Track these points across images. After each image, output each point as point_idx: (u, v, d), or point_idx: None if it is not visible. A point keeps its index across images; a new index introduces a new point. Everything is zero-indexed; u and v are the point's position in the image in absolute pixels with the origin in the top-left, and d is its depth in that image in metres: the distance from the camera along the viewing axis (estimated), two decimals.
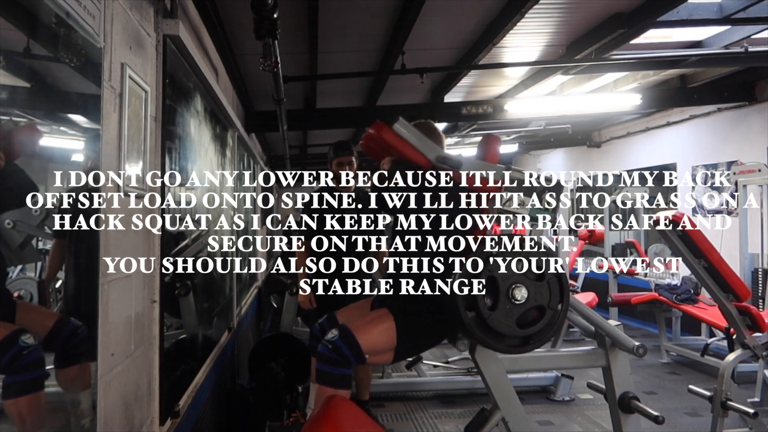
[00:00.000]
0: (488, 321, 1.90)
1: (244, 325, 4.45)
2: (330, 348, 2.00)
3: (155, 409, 1.82)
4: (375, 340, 2.07)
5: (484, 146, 2.39)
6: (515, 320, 1.93)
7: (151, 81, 1.74)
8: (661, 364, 5.19)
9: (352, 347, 2.00)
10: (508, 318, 1.91)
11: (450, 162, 2.24)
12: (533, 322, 1.95)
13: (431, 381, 4.41)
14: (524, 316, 1.94)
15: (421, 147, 2.26)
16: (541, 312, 1.95)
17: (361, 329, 2.06)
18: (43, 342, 1.22)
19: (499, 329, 1.91)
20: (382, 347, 2.10)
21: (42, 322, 1.26)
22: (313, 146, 8.80)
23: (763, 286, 4.76)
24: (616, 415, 2.32)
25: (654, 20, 3.55)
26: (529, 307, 1.93)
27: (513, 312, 1.92)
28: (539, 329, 1.95)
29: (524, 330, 1.94)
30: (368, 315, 2.24)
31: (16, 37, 1.16)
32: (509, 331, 1.93)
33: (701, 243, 3.05)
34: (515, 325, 1.93)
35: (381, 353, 2.12)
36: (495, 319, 1.90)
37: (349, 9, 3.31)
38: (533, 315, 1.96)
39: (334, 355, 1.99)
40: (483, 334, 1.93)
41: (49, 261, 1.55)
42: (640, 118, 7.09)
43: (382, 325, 2.10)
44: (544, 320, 1.95)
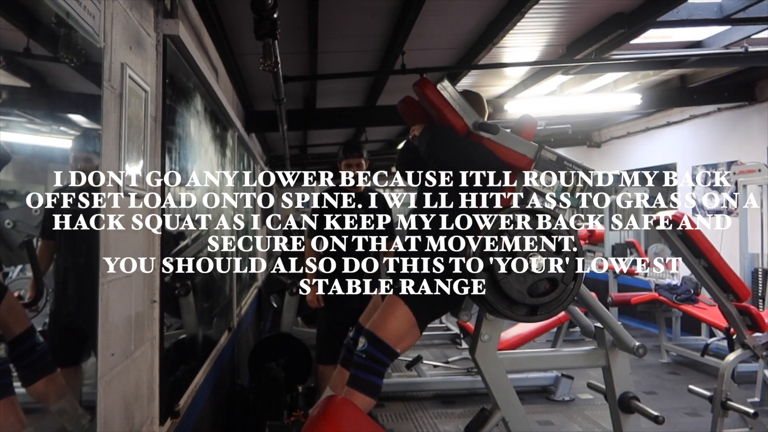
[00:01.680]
0: (501, 283, 1.92)
1: (244, 325, 4.45)
2: (365, 357, 2.08)
3: (155, 409, 1.82)
4: (397, 329, 2.13)
5: (521, 124, 2.38)
6: (527, 287, 1.94)
7: (151, 81, 1.74)
8: (661, 364, 5.19)
9: (381, 348, 2.08)
10: (521, 284, 1.94)
11: (487, 128, 2.22)
12: (544, 293, 1.97)
13: (431, 381, 4.41)
14: (536, 285, 1.96)
15: (462, 110, 2.26)
16: (554, 285, 1.97)
17: (381, 326, 2.12)
18: (7, 345, 1.21)
19: (510, 293, 1.93)
20: (406, 330, 2.16)
21: (11, 326, 1.25)
22: (313, 146, 8.80)
23: (763, 286, 4.76)
24: (616, 415, 2.32)
25: (654, 20, 3.55)
26: (542, 278, 1.96)
27: (526, 279, 1.94)
28: (549, 300, 1.97)
29: (534, 299, 1.96)
30: (382, 308, 2.26)
31: (16, 37, 1.16)
32: (519, 297, 1.94)
33: (701, 243, 3.05)
34: (527, 292, 1.94)
35: (407, 336, 2.17)
36: (508, 282, 1.92)
37: (349, 9, 3.31)
38: (545, 286, 1.98)
39: (371, 363, 2.07)
40: (493, 297, 1.94)
41: (36, 261, 1.54)
42: (640, 118, 7.09)
43: (396, 312, 2.15)
44: (555, 293, 1.97)
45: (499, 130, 2.22)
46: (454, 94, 2.27)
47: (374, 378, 2.08)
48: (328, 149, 8.61)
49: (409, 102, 2.51)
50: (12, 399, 1.19)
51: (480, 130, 2.23)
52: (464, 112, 2.26)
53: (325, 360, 3.44)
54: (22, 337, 1.25)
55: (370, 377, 2.07)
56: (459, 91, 2.31)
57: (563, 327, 4.73)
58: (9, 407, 1.18)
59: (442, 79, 2.31)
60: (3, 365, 1.18)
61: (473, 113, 2.28)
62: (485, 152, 2.19)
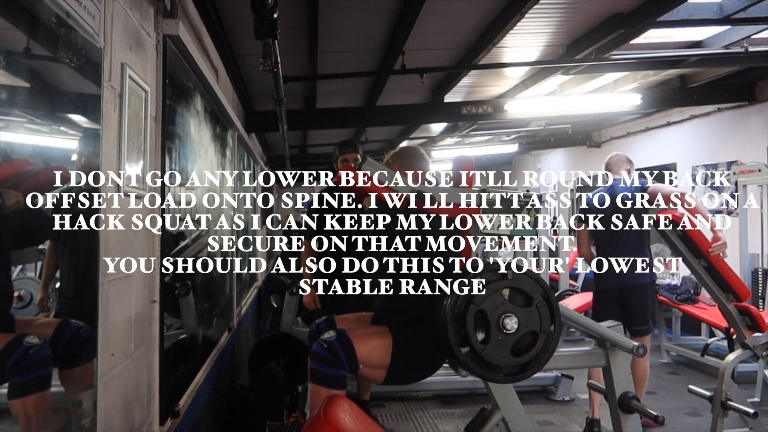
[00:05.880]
0: (482, 355, 1.87)
1: (244, 325, 4.45)
2: (325, 347, 1.99)
3: (155, 409, 1.82)
4: (371, 353, 2.05)
5: (456, 171, 2.34)
6: (509, 350, 1.90)
7: (151, 81, 1.74)
8: (661, 364, 5.19)
9: (348, 352, 1.99)
10: (502, 349, 1.89)
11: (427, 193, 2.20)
12: (528, 347, 1.93)
13: (431, 381, 4.37)
14: (518, 343, 1.91)
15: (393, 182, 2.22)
16: (535, 337, 1.93)
17: (360, 338, 2.05)
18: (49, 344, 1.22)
19: (494, 362, 1.89)
20: (376, 362, 2.08)
21: (41, 332, 1.25)
22: (313, 146, 8.80)
23: (763, 286, 4.76)
24: (616, 415, 2.32)
25: (654, 20, 3.55)
26: (522, 335, 1.91)
27: (506, 342, 1.89)
28: (535, 354, 1.93)
29: (520, 358, 1.92)
30: (368, 328, 2.23)
31: (16, 37, 1.15)
32: (505, 362, 1.91)
33: (701, 243, 3.05)
34: (510, 354, 1.91)
35: (374, 368, 2.10)
36: (489, 352, 1.88)
37: (349, 9, 3.31)
38: (528, 340, 1.93)
39: (329, 355, 1.98)
40: (480, 369, 1.91)
41: (45, 263, 1.55)
42: (640, 118, 7.09)
43: (379, 341, 2.09)
44: (538, 345, 1.93)
45: (439, 195, 2.20)
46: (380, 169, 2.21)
47: (335, 371, 1.98)
48: (328, 149, 8.55)
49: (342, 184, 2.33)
50: (46, 394, 1.18)
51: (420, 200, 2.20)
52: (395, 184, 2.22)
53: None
54: (60, 330, 1.31)
55: (331, 371, 1.98)
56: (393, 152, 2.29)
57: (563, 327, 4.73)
58: (43, 403, 1.17)
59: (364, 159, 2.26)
60: (42, 352, 1.16)
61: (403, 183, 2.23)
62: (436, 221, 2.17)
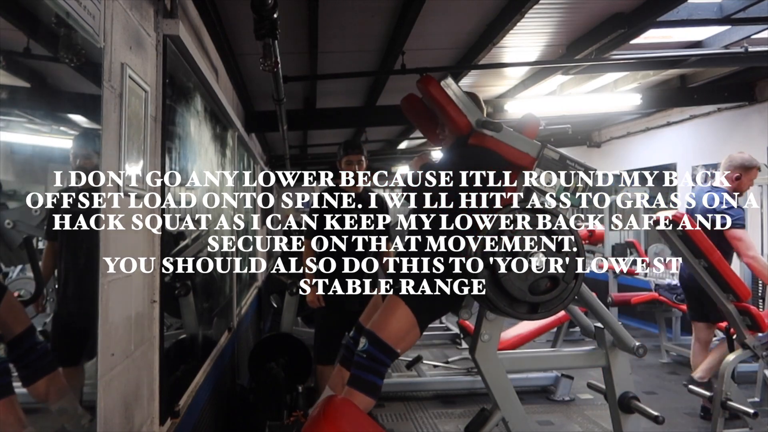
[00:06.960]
0: (502, 280, 1.91)
1: (244, 325, 4.45)
2: (365, 357, 2.08)
3: (155, 409, 1.82)
4: (397, 330, 2.13)
5: (524, 122, 2.37)
6: (528, 285, 1.94)
7: (151, 81, 1.74)
8: (661, 364, 5.19)
9: (382, 348, 2.07)
10: (522, 281, 1.93)
11: (490, 126, 2.21)
12: (545, 291, 1.97)
13: (431, 381, 4.41)
14: (537, 283, 1.96)
15: (465, 107, 2.26)
16: (555, 283, 1.97)
17: (381, 326, 2.12)
18: (7, 345, 1.22)
19: (511, 291, 1.93)
20: (406, 330, 2.15)
21: (11, 325, 1.25)
22: (313, 146, 8.79)
23: (763, 286, 4.76)
24: (616, 415, 2.32)
25: (654, 20, 3.55)
26: (544, 275, 1.95)
27: (527, 277, 1.94)
28: (550, 298, 1.97)
29: (536, 296, 1.96)
30: (382, 308, 2.26)
31: (16, 37, 1.16)
32: (521, 295, 1.94)
33: (701, 243, 3.05)
34: (527, 290, 1.94)
35: (407, 336, 2.17)
36: (509, 280, 1.92)
37: (349, 9, 3.30)
38: (546, 284, 1.98)
39: (371, 363, 2.07)
40: (495, 294, 1.94)
41: (43, 264, 1.55)
42: (640, 118, 7.09)
43: (397, 313, 2.15)
44: (556, 291, 1.97)
45: (502, 127, 2.22)
46: (457, 91, 2.27)
47: (374, 378, 2.08)
48: (328, 149, 8.60)
49: (411, 100, 2.51)
50: (12, 399, 1.19)
51: (483, 128, 2.23)
52: (468, 109, 2.26)
53: (324, 360, 3.44)
54: (22, 337, 1.25)
55: (370, 377, 2.07)
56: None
57: (563, 327, 4.73)
58: (9, 407, 1.18)
59: (446, 76, 2.31)
60: (2, 365, 1.18)
61: (476, 111, 2.28)
62: (488, 153, 2.20)
